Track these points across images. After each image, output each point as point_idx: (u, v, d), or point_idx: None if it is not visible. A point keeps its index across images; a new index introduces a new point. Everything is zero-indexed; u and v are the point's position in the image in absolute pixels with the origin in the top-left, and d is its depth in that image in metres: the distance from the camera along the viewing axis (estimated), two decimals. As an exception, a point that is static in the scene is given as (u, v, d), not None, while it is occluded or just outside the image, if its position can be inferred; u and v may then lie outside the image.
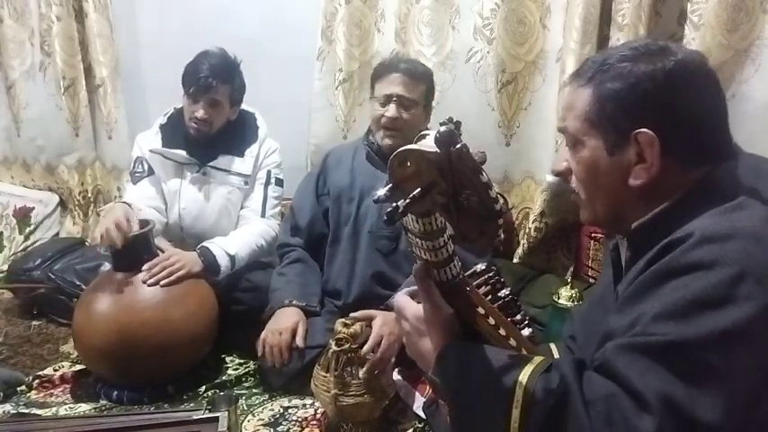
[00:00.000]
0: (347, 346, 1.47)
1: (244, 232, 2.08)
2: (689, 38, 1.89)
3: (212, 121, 2.06)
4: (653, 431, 0.66)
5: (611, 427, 0.68)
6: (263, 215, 2.14)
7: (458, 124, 0.64)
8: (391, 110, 1.85)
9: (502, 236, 2.20)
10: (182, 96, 2.06)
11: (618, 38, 1.95)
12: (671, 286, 0.73)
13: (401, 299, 0.95)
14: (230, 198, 2.14)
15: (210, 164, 2.11)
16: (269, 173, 2.17)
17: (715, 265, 0.71)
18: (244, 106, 2.21)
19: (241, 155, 2.13)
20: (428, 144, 0.67)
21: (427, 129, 2.01)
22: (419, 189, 0.66)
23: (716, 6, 1.82)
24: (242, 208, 2.17)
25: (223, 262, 1.95)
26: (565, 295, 1.88)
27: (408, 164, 0.69)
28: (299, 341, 1.76)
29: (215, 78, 1.99)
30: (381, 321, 1.58)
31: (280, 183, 2.20)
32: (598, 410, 0.70)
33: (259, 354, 1.79)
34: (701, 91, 0.84)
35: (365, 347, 1.51)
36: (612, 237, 1.00)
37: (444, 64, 2.31)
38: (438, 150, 0.65)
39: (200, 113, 2.02)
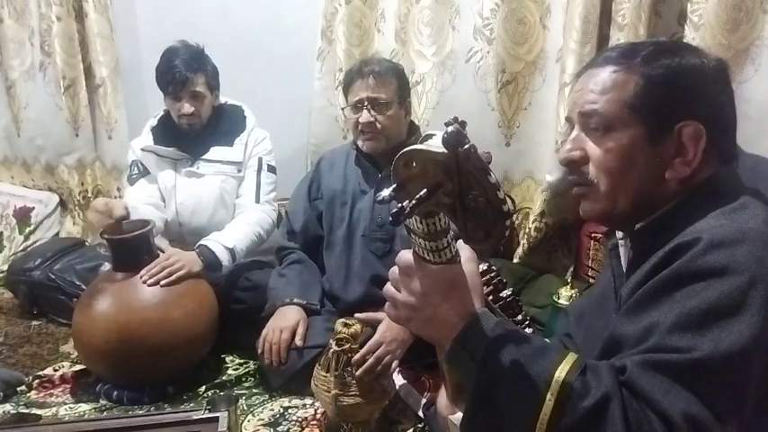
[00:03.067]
0: (347, 346, 1.47)
1: (240, 222, 2.08)
2: (689, 38, 1.89)
3: (200, 113, 2.09)
4: None
5: None
6: (257, 201, 2.15)
7: (463, 124, 0.64)
8: (364, 115, 1.83)
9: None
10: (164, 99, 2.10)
11: (618, 38, 1.95)
12: (683, 294, 0.73)
13: (408, 254, 0.78)
14: (225, 188, 2.15)
15: (202, 157, 2.14)
16: (260, 160, 2.18)
17: (726, 271, 0.71)
18: (231, 100, 2.23)
19: (230, 144, 2.15)
20: (435, 144, 0.66)
21: (415, 124, 2.02)
22: (425, 190, 0.66)
23: (716, 6, 1.82)
24: (237, 197, 2.18)
25: (223, 257, 1.95)
26: (565, 295, 1.88)
27: (414, 164, 0.68)
28: (299, 341, 1.77)
29: (188, 70, 2.02)
30: (385, 327, 1.53)
31: (272, 170, 2.21)
32: (631, 423, 0.68)
33: (258, 351, 1.79)
34: (731, 93, 0.85)
35: (356, 356, 1.47)
36: (612, 236, 0.99)
37: (444, 64, 2.31)
38: (445, 151, 0.64)
39: (185, 109, 2.05)
